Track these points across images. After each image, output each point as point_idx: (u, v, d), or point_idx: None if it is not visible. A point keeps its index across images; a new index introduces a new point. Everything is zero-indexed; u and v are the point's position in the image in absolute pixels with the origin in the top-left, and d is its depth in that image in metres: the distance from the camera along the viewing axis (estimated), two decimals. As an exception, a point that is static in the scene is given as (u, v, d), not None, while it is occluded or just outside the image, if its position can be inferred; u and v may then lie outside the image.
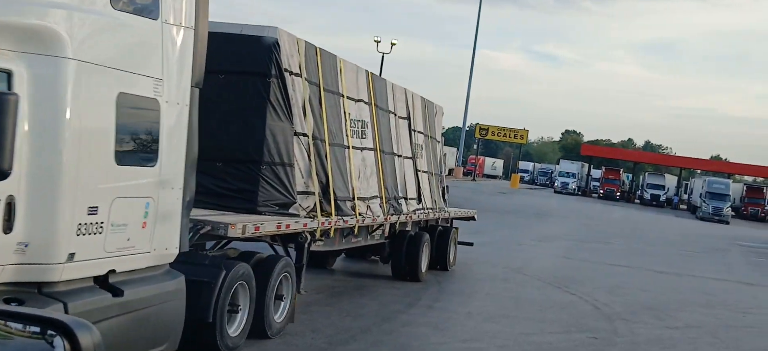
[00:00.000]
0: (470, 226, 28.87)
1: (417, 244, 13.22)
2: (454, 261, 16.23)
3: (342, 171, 9.51)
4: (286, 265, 8.06)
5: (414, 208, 12.91)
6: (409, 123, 12.81)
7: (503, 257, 20.12)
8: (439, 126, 15.42)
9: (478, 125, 73.51)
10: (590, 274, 18.88)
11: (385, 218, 11.19)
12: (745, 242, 37.00)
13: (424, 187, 13.49)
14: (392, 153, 11.85)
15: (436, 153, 14.94)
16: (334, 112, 9.41)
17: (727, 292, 18.70)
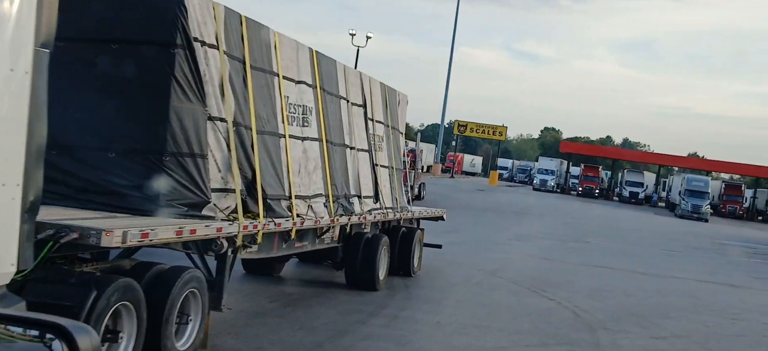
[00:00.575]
0: (445, 225, 27.47)
1: (374, 247, 11.63)
2: (419, 266, 14.68)
3: (275, 164, 7.89)
4: (191, 279, 6.43)
5: (370, 208, 11.29)
6: (366, 111, 11.11)
7: (478, 258, 18.76)
8: (403, 116, 13.74)
9: (456, 122, 72.19)
10: (569, 276, 17.56)
11: (332, 220, 9.54)
12: (725, 241, 35.97)
13: (383, 183, 11.84)
14: (343, 145, 10.20)
15: (398, 146, 13.29)
16: (264, 94, 7.77)
17: (712, 295, 17.45)
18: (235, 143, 7.05)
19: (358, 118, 10.77)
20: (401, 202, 13.14)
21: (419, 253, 14.56)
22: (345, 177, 10.15)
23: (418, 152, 38.48)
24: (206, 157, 6.72)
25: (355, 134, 10.52)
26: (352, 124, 10.43)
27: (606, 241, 28.25)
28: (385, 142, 12.20)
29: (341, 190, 9.94)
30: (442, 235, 24.24)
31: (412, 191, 36.88)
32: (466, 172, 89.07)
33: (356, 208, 10.59)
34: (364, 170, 10.93)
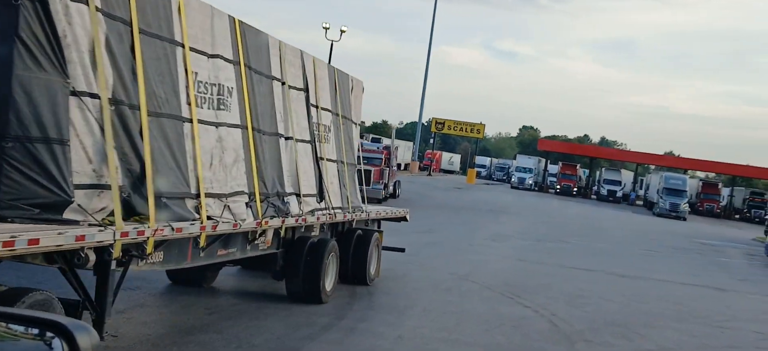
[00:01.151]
0: (418, 225, 26.33)
1: (319, 254, 10.00)
2: (377, 272, 13.14)
3: (175, 155, 6.31)
4: (41, 301, 4.95)
5: (312, 208, 9.63)
6: (308, 97, 9.44)
7: (450, 261, 17.58)
8: (358, 105, 12.10)
9: (434, 119, 71.00)
10: (547, 279, 16.44)
11: (259, 222, 7.90)
12: (704, 240, 35.14)
13: (329, 180, 10.22)
14: (276, 134, 8.52)
15: (351, 138, 11.61)
16: (161, 67, 6.17)
17: (696, 299, 16.39)
18: (113, 126, 5.48)
19: (297, 103, 9.15)
20: (354, 201, 11.59)
21: (377, 259, 13.06)
22: (278, 172, 8.54)
23: (393, 149, 37.23)
24: (67, 144, 5.19)
25: (292, 122, 8.93)
26: (288, 110, 8.81)
27: (584, 241, 27.22)
28: (334, 133, 10.55)
29: (273, 188, 8.35)
30: (414, 235, 23.08)
31: (386, 189, 35.81)
32: (444, 170, 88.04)
33: (293, 208, 8.95)
34: (304, 164, 9.26)
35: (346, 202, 11.10)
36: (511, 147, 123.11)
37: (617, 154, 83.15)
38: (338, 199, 10.68)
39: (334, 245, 10.58)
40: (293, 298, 10.34)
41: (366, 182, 33.61)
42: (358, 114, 12.36)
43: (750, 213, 62.51)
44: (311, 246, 10.02)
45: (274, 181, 8.42)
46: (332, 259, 10.57)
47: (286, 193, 8.80)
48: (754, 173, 70.22)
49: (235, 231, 7.31)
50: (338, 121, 10.86)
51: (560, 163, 70.75)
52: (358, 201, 11.92)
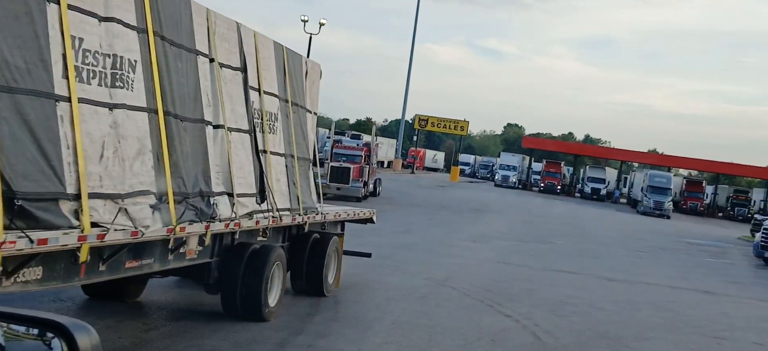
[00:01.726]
0: (396, 225, 25.07)
1: (260, 264, 8.46)
2: (336, 281, 11.67)
3: (41, 143, 4.86)
4: None
5: (250, 210, 8.05)
6: (246, 78, 7.82)
7: (427, 264, 16.34)
8: (315, 92, 10.40)
9: (417, 116, 69.71)
10: (530, 284, 15.24)
11: (171, 229, 6.35)
12: (691, 239, 34.14)
13: (275, 177, 8.61)
14: (201, 120, 6.96)
15: (305, 129, 9.93)
16: (19, 27, 4.72)
17: (689, 306, 15.24)
18: None
19: (232, 86, 7.57)
20: (306, 201, 9.94)
21: (336, 266, 11.56)
22: (202, 167, 6.98)
23: (374, 146, 35.95)
24: None
25: (223, 108, 7.34)
26: (218, 92, 7.24)
27: (569, 242, 26.07)
28: (282, 123, 8.87)
29: (194, 186, 6.77)
30: (390, 235, 21.84)
31: (366, 187, 34.55)
32: (428, 168, 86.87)
33: (224, 210, 7.39)
34: (240, 158, 7.67)
35: (296, 203, 9.42)
36: (496, 145, 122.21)
37: (601, 152, 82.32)
38: (286, 199, 9.00)
39: (280, 253, 9.01)
40: (231, 313, 8.79)
41: (345, 180, 32.53)
42: (315, 102, 10.54)
43: (733, 211, 61.82)
44: (253, 254, 8.45)
45: (197, 179, 6.84)
46: (278, 270, 8.97)
47: (214, 192, 7.20)
48: (737, 171, 69.55)
49: (135, 240, 5.79)
50: (288, 108, 9.17)
51: (544, 161, 69.78)
52: (312, 201, 10.25)
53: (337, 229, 12.21)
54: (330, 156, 32.99)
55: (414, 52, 59.78)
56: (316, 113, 10.54)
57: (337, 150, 33.31)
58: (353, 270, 13.83)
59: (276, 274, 8.93)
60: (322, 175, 31.99)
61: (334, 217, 11.57)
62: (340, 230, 12.27)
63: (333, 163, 31.62)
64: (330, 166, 31.51)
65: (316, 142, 11.40)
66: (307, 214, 9.82)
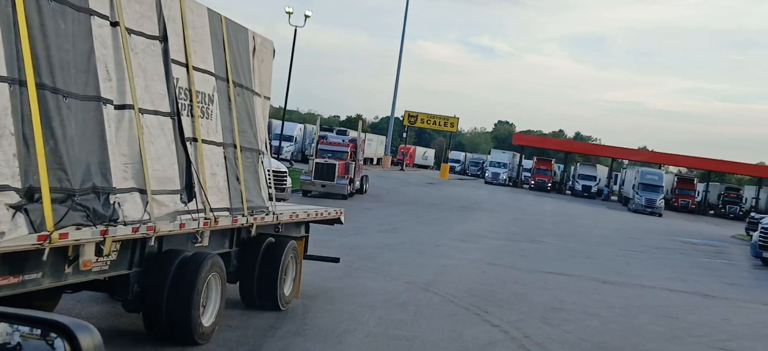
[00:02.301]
0: (380, 224, 23.98)
1: (190, 275, 6.93)
2: (295, 291, 10.21)
3: None
4: None
5: (172, 210, 6.53)
6: (167, 49, 6.38)
7: (411, 266, 15.27)
8: (266, 72, 8.80)
9: (406, 112, 68.58)
10: (520, 288, 14.20)
11: (43, 236, 4.90)
12: (684, 238, 33.20)
13: (210, 170, 7.13)
14: (97, 98, 5.57)
15: (252, 115, 8.33)
16: None
17: (689, 310, 14.23)
18: None
19: (145, 57, 6.13)
20: (254, 199, 8.33)
21: (295, 275, 10.05)
22: (98, 156, 5.57)
23: (361, 143, 34.82)
24: None
25: (134, 84, 5.89)
26: (127, 65, 5.82)
27: (560, 240, 25.07)
28: (220, 106, 7.35)
29: (83, 180, 5.36)
30: (375, 235, 20.77)
31: (352, 184, 33.44)
32: (418, 165, 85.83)
33: (131, 211, 5.92)
34: (158, 147, 6.25)
35: (239, 201, 7.85)
36: (487, 142, 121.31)
37: (592, 149, 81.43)
38: (224, 196, 7.46)
39: (216, 262, 7.38)
40: (155, 335, 7.33)
41: (330, 177, 31.41)
42: (267, 84, 8.88)
43: (725, 209, 61.03)
44: (182, 264, 6.94)
45: (88, 171, 5.39)
46: (214, 282, 7.48)
47: (117, 189, 5.74)
48: (728, 168, 68.78)
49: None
50: (228, 90, 7.62)
51: (535, 158, 68.86)
52: (261, 199, 8.62)
53: (299, 232, 10.83)
54: (315, 152, 31.87)
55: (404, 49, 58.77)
56: (268, 97, 9.00)
57: (323, 146, 32.19)
58: (328, 273, 12.76)
59: (212, 286, 7.43)
60: (307, 172, 30.88)
61: (290, 217, 9.78)
62: (304, 232, 10.97)
63: (318, 160, 30.50)
64: (315, 162, 30.39)
65: (269, 131, 10.16)
66: (254, 215, 8.22)
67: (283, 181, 24.93)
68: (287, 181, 25.16)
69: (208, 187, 6.89)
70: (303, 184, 30.55)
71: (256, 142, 8.38)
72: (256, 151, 8.42)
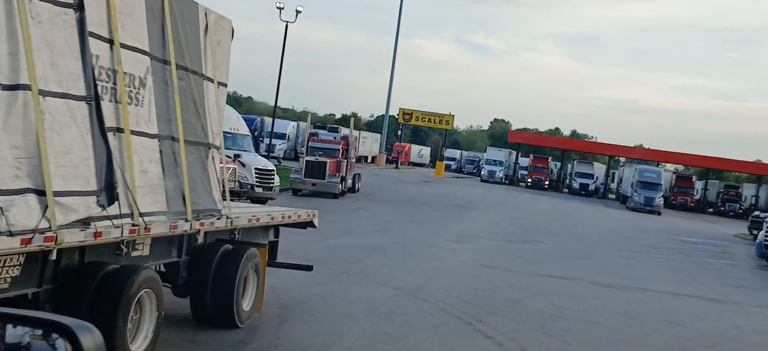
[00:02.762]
0: (371, 224, 23.01)
1: (113, 293, 5.75)
2: (256, 306, 8.82)
3: None
4: None
5: (85, 215, 5.40)
6: (83, 19, 5.23)
7: (401, 269, 14.36)
8: (223, 56, 7.55)
9: (401, 110, 67.60)
10: (516, 293, 13.29)
11: None
12: (685, 237, 32.32)
13: (140, 167, 5.96)
14: None
15: (200, 103, 7.06)
16: None
17: (696, 317, 13.33)
18: None
19: (52, 28, 5.04)
20: (202, 200, 7.08)
21: (257, 287, 8.68)
22: None
23: (353, 140, 33.87)
24: None
25: (31, 59, 4.82)
26: (20, 35, 4.72)
27: (558, 241, 24.17)
28: (156, 92, 6.13)
29: None
30: (366, 235, 19.84)
31: (343, 183, 32.50)
32: (413, 163, 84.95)
33: (22, 217, 4.81)
34: (66, 138, 5.15)
35: (181, 204, 6.57)
36: (483, 140, 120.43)
37: (589, 146, 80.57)
38: (160, 198, 6.19)
39: (148, 277, 6.18)
40: None
41: (320, 175, 30.46)
42: (224, 69, 7.61)
43: (724, 207, 60.20)
44: (105, 279, 5.77)
45: None
46: (148, 300, 6.27)
47: (5, 190, 4.66)
48: (725, 165, 67.98)
49: None
50: (168, 72, 6.41)
51: (531, 156, 67.98)
52: (212, 201, 7.33)
53: (265, 237, 9.58)
54: (306, 150, 30.93)
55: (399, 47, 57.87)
56: (225, 84, 7.76)
57: (313, 144, 31.24)
58: (309, 279, 11.84)
59: (146, 306, 6.26)
60: (297, 170, 29.92)
61: (248, 222, 8.42)
62: (273, 237, 9.80)
63: (308, 158, 29.56)
64: (305, 160, 29.46)
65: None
66: (200, 219, 6.90)
67: (270, 180, 24.00)
68: (275, 179, 24.21)
69: (137, 187, 5.71)
70: (293, 182, 29.61)
71: (205, 135, 7.09)
72: (205, 145, 7.14)
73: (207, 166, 6.99)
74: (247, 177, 23.42)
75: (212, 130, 7.10)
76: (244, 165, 23.45)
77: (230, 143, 24.89)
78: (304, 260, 14.20)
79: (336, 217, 23.25)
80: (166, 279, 7.22)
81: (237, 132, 25.22)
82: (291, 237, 16.72)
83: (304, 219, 10.42)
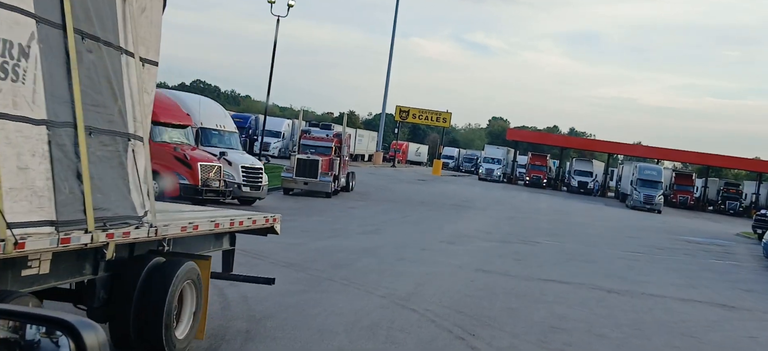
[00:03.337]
0: (362, 224, 21.80)
1: None
2: (198, 331, 7.13)
3: None
4: None
5: None
6: None
7: (390, 274, 13.25)
8: (148, 25, 6.11)
9: (398, 107, 66.42)
10: (513, 301, 12.19)
11: None
12: (687, 237, 31.24)
13: (16, 164, 4.50)
14: None
15: (116, 83, 5.60)
16: None
17: (708, 326, 12.24)
18: None
19: None
20: (113, 205, 5.56)
21: (196, 308, 6.95)
22: None
23: (346, 137, 32.75)
24: None
25: None
26: None
27: (557, 241, 23.07)
28: (40, 65, 4.70)
29: None
30: (355, 237, 18.70)
31: (337, 182, 31.39)
32: (411, 162, 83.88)
33: None
34: None
35: (80, 210, 5.14)
36: (481, 138, 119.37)
37: (587, 144, 79.47)
38: (46, 203, 4.79)
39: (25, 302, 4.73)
40: None
41: (312, 174, 29.31)
42: (153, 44, 6.12)
43: (725, 205, 59.11)
44: None
45: None
46: None
47: None
48: (724, 163, 66.91)
49: None
50: (63, 41, 4.96)
51: (530, 154, 66.89)
52: (129, 205, 5.78)
53: (215, 246, 8.07)
54: (297, 148, 29.83)
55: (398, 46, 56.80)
56: (154, 62, 6.19)
57: (306, 141, 30.10)
58: (288, 286, 10.77)
59: None
60: (288, 168, 28.80)
61: (182, 230, 6.71)
62: (228, 245, 8.35)
63: (300, 156, 28.44)
64: (297, 158, 28.34)
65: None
66: (107, 230, 5.42)
67: (258, 179, 22.92)
68: (263, 178, 23.11)
69: (8, 189, 4.36)
70: (284, 181, 28.50)
71: (123, 123, 5.59)
72: (123, 136, 5.65)
73: (124, 162, 5.59)
74: (234, 176, 22.32)
75: (134, 117, 5.67)
76: (230, 163, 22.35)
77: (216, 140, 23.82)
78: (285, 264, 13.16)
79: (326, 217, 22.16)
80: (79, 300, 5.96)
81: (223, 129, 24.13)
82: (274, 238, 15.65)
83: (261, 225, 8.63)
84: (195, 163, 20.27)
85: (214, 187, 20.74)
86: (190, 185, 20.00)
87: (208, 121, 23.66)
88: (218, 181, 20.96)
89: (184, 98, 24.35)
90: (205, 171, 20.49)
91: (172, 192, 19.68)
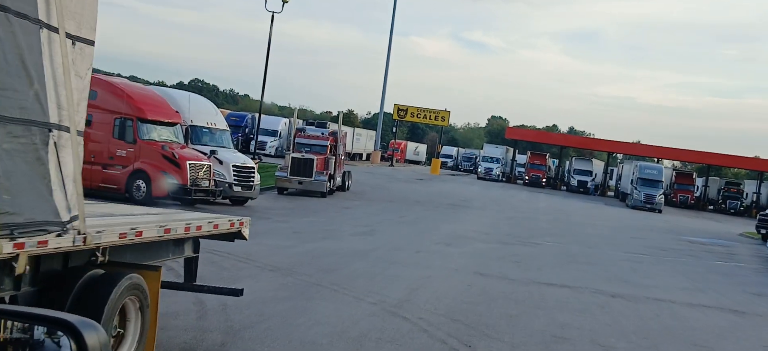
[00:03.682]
0: (357, 225, 20.98)
1: None
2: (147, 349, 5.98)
3: None
4: None
5: None
6: None
7: (382, 278, 12.49)
8: (88, 4, 5.05)
9: (396, 106, 65.63)
10: (512, 307, 11.44)
11: None
12: (690, 237, 30.49)
13: None
14: None
15: (28, 62, 4.49)
16: None
17: (721, 335, 11.47)
18: None
19: None
20: (26, 207, 4.58)
21: (141, 328, 5.84)
22: None
23: (342, 136, 31.99)
24: None
25: None
26: None
27: (558, 242, 22.33)
28: None
29: None
30: (348, 238, 17.91)
31: (332, 181, 30.65)
32: (409, 161, 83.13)
33: None
34: None
35: None
36: (480, 137, 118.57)
37: (586, 143, 78.72)
38: None
39: None
40: None
41: (307, 173, 28.53)
42: (83, 19, 5.07)
43: (725, 204, 58.37)
44: None
45: None
46: None
47: None
48: (724, 161, 66.16)
49: None
50: None
51: (529, 153, 66.13)
52: (49, 208, 4.77)
53: (176, 254, 7.13)
54: (291, 146, 29.08)
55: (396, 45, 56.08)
56: (89, 41, 5.10)
57: (300, 140, 29.35)
58: (272, 293, 10.03)
59: None
60: (283, 167, 28.05)
61: (120, 237, 5.67)
62: (190, 252, 7.39)
63: (294, 154, 27.68)
64: (291, 157, 27.58)
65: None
66: (15, 239, 4.46)
67: (250, 178, 22.17)
68: (255, 177, 22.37)
69: None
70: (278, 180, 27.73)
71: (42, 110, 4.68)
72: (41, 126, 4.71)
73: (44, 158, 4.66)
74: (225, 175, 21.59)
75: (58, 104, 4.73)
76: (221, 162, 21.62)
77: (207, 139, 23.06)
78: (271, 268, 12.40)
79: (319, 217, 21.42)
80: None
81: (214, 127, 23.38)
82: (262, 240, 14.92)
83: (225, 229, 7.54)
84: (184, 161, 19.54)
85: (204, 187, 20.01)
86: (179, 185, 19.25)
87: (199, 118, 22.91)
88: (208, 181, 20.22)
89: (173, 95, 23.64)
90: (195, 170, 19.75)
91: (160, 192, 18.96)
